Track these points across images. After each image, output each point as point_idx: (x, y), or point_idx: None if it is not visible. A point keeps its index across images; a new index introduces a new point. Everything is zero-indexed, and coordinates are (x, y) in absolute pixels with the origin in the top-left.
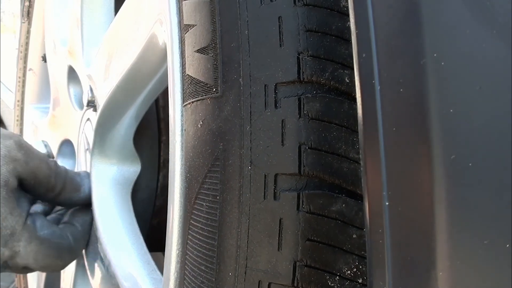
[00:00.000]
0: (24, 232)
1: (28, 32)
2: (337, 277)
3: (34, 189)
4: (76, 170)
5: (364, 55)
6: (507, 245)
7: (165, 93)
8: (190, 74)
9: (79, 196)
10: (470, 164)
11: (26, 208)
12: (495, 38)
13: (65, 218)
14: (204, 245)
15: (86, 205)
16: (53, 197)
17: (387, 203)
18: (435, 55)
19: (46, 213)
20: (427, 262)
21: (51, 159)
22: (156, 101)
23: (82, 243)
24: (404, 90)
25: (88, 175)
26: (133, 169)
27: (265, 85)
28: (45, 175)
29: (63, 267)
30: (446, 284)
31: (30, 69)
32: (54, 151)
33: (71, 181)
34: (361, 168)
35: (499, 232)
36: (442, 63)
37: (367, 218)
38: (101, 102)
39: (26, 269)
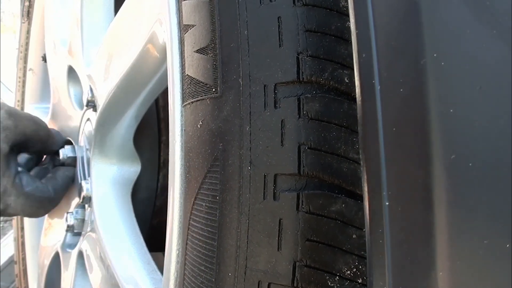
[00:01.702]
0: (13, 189)
1: (28, 32)
2: (337, 277)
3: (25, 144)
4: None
5: (364, 55)
6: (507, 245)
7: (165, 93)
8: (189, 74)
9: (57, 146)
10: (470, 164)
11: (14, 169)
12: (495, 38)
13: (50, 174)
14: (204, 245)
15: (69, 164)
16: (41, 147)
17: (387, 203)
18: (435, 55)
19: (30, 165)
20: (427, 262)
21: (34, 116)
22: (156, 101)
23: (62, 194)
24: (404, 90)
25: (56, 130)
26: (133, 169)
27: (264, 85)
28: (34, 131)
29: (45, 214)
30: (446, 284)
31: (30, 69)
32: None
33: (51, 133)
34: (361, 168)
35: (499, 232)
36: (442, 63)
37: (367, 218)
38: (101, 102)
39: (16, 215)
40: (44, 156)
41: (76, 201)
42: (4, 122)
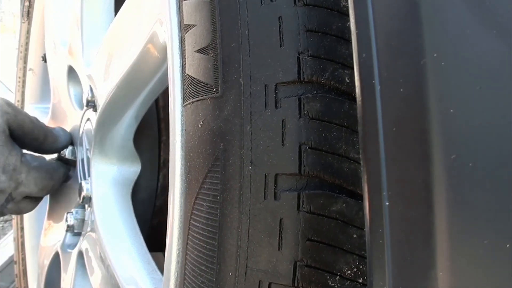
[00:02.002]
0: (23, 165)
1: (28, 32)
2: (338, 277)
3: (22, 138)
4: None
5: (364, 55)
6: (507, 245)
7: (165, 93)
8: (190, 74)
9: (57, 145)
10: (470, 164)
11: (19, 149)
12: (495, 38)
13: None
14: (205, 245)
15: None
16: (38, 146)
17: (387, 203)
18: (435, 55)
19: None
20: (427, 262)
21: (33, 116)
22: (156, 101)
23: (63, 174)
24: (404, 90)
25: (62, 129)
26: (133, 169)
27: (265, 85)
28: (30, 128)
29: (56, 187)
30: (446, 284)
31: (30, 69)
32: None
33: (51, 133)
34: (361, 168)
35: (499, 232)
36: (442, 63)
37: (367, 218)
38: (101, 102)
39: (25, 203)
40: None
41: (76, 201)
42: (5, 108)
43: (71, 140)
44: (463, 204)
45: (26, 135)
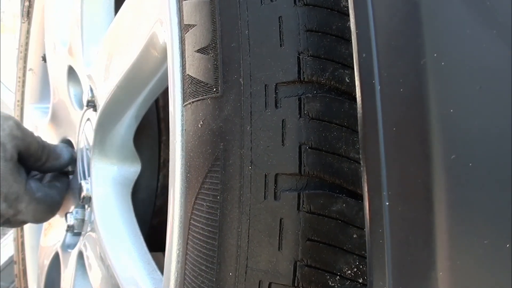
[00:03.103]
0: (25, 195)
1: (28, 32)
2: (338, 277)
3: (27, 160)
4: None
5: (364, 55)
6: (507, 245)
7: (165, 93)
8: (190, 74)
9: (59, 163)
10: (470, 164)
11: (25, 176)
12: (495, 38)
13: (47, 179)
14: (205, 245)
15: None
16: (40, 166)
17: (387, 203)
18: (435, 55)
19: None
20: (427, 262)
21: (37, 135)
22: (156, 101)
23: (63, 198)
24: (404, 90)
25: (65, 146)
26: (133, 169)
27: (265, 85)
28: (35, 149)
29: (51, 218)
30: (446, 284)
31: (30, 69)
32: None
33: (54, 152)
34: (361, 168)
35: (499, 232)
36: (442, 63)
37: (367, 218)
38: (101, 102)
39: (22, 223)
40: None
41: (76, 201)
42: (14, 132)
43: (74, 158)
44: (463, 204)
45: (31, 157)
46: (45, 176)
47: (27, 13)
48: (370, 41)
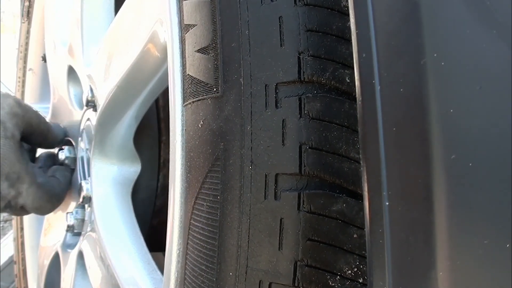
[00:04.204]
0: (27, 177)
1: (28, 32)
2: (338, 277)
3: (28, 136)
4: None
5: (364, 55)
6: (507, 245)
7: (165, 93)
8: (190, 74)
9: (58, 139)
10: (470, 164)
11: (27, 158)
12: (495, 38)
13: (49, 173)
14: (205, 245)
15: (64, 164)
16: (41, 141)
17: (387, 203)
18: (435, 55)
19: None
20: (427, 262)
21: (35, 110)
22: (156, 101)
23: (64, 193)
24: (404, 90)
25: (56, 124)
26: (133, 169)
27: (265, 85)
28: (37, 123)
29: (50, 211)
30: (446, 284)
31: (30, 69)
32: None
33: (51, 127)
34: (361, 168)
35: (499, 232)
36: (442, 63)
37: (367, 218)
38: (101, 102)
39: (22, 210)
40: (38, 154)
41: (76, 201)
42: (14, 109)
43: (66, 134)
44: (463, 204)
45: (33, 132)
46: (48, 170)
47: (27, 13)
48: (370, 41)
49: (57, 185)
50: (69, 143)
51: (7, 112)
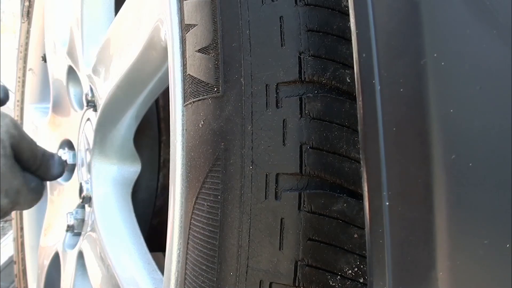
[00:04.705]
0: (23, 189)
1: (28, 32)
2: (339, 277)
3: (19, 162)
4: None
5: (364, 55)
6: (507, 245)
7: (165, 93)
8: (191, 74)
9: (50, 174)
10: (470, 164)
11: (21, 171)
12: (495, 38)
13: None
14: (205, 244)
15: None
16: (34, 172)
17: (387, 203)
18: (435, 55)
19: None
20: (427, 262)
21: (34, 141)
22: (156, 101)
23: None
24: (404, 90)
25: (59, 159)
26: (133, 169)
27: (266, 85)
28: (27, 156)
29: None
30: (446, 284)
31: (30, 69)
32: (54, 151)
33: (47, 162)
34: (361, 168)
35: (499, 232)
36: (442, 63)
37: (367, 218)
38: (101, 102)
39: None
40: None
41: (76, 201)
42: (11, 130)
43: (63, 171)
44: (463, 204)
45: (22, 161)
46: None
47: (27, 13)
48: (370, 41)
49: (42, 178)
50: (68, 143)
51: (5, 131)
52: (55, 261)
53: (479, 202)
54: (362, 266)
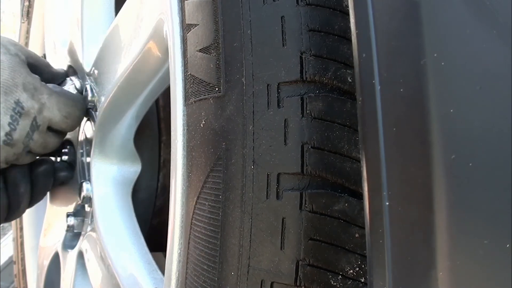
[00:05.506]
0: (44, 88)
1: (28, 32)
2: (340, 277)
3: (33, 67)
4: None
5: (364, 55)
6: (507, 245)
7: (165, 93)
8: (192, 74)
9: (59, 74)
10: (470, 164)
11: (38, 77)
12: (495, 38)
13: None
14: (207, 244)
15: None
16: (46, 73)
17: (387, 203)
18: (435, 55)
19: None
20: (427, 262)
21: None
22: (157, 101)
23: (84, 105)
24: (404, 90)
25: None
26: (134, 169)
27: (267, 85)
28: (35, 56)
29: (80, 118)
30: (446, 284)
31: None
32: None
33: (56, 74)
34: (362, 168)
35: (499, 232)
36: (442, 63)
37: (367, 218)
38: (101, 102)
39: (50, 132)
40: None
41: (76, 201)
42: (12, 41)
43: (67, 73)
44: (463, 204)
45: (35, 63)
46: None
47: (27, 13)
48: (370, 41)
49: (78, 95)
50: (69, 143)
51: (7, 41)
52: (55, 261)
53: (479, 202)
54: (363, 266)
